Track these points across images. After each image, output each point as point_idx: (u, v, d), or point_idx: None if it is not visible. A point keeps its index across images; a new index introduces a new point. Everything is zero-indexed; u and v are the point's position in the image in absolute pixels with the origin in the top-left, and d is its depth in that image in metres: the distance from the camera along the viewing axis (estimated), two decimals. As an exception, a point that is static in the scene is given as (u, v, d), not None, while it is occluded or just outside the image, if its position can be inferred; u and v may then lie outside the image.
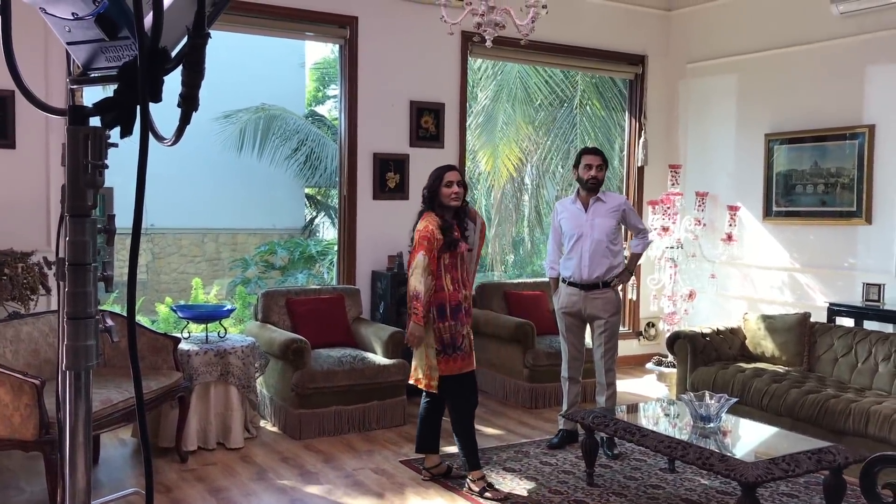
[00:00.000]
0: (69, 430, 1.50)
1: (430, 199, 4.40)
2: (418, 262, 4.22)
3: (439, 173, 4.43)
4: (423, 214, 4.40)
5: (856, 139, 6.23)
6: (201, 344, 5.06)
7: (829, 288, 6.46)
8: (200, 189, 13.66)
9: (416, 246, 4.27)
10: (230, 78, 12.87)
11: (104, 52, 1.51)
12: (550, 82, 10.74)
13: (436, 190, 4.39)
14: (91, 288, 1.49)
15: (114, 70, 1.47)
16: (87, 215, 1.48)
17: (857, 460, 3.76)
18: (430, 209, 4.39)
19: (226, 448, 5.02)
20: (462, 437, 4.39)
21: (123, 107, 1.44)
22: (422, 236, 4.28)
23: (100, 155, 1.46)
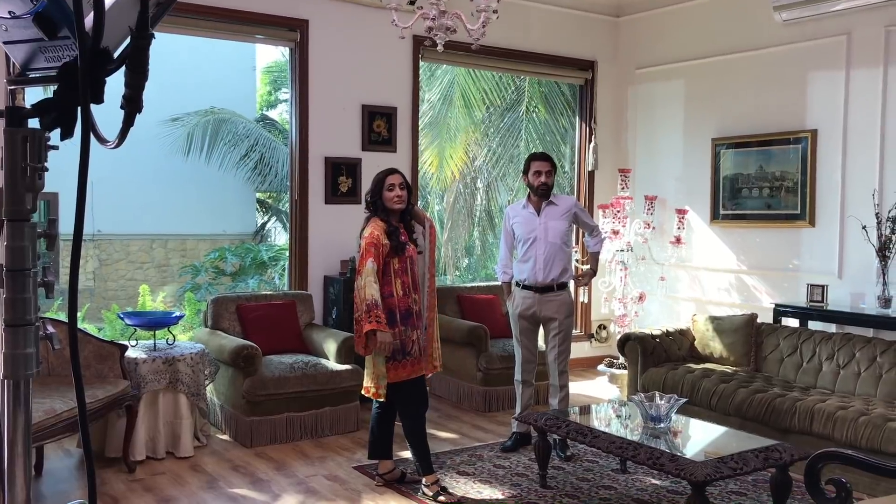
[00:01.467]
0: (8, 442, 1.46)
1: (374, 203, 4.39)
2: (368, 270, 4.19)
3: (381, 177, 4.42)
4: (369, 220, 4.37)
5: (799, 143, 6.38)
6: (149, 351, 4.97)
7: (774, 289, 6.59)
8: (148, 194, 13.44)
9: (364, 253, 4.24)
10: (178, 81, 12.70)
11: (43, 52, 1.47)
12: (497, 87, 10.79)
13: (378, 194, 4.37)
14: (31, 294, 1.45)
15: (53, 70, 1.43)
16: (25, 220, 1.44)
17: (802, 457, 3.84)
18: (375, 214, 4.37)
19: (175, 457, 4.93)
20: (414, 443, 4.38)
21: (64, 108, 1.40)
22: (368, 243, 4.25)
23: (39, 158, 1.42)
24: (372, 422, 4.52)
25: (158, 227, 14.00)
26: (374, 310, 4.13)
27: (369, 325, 4.12)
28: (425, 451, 4.39)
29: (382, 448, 4.51)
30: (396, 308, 4.26)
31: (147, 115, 1.46)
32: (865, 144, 5.98)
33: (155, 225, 13.90)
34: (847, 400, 4.85)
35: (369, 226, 4.33)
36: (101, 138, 1.41)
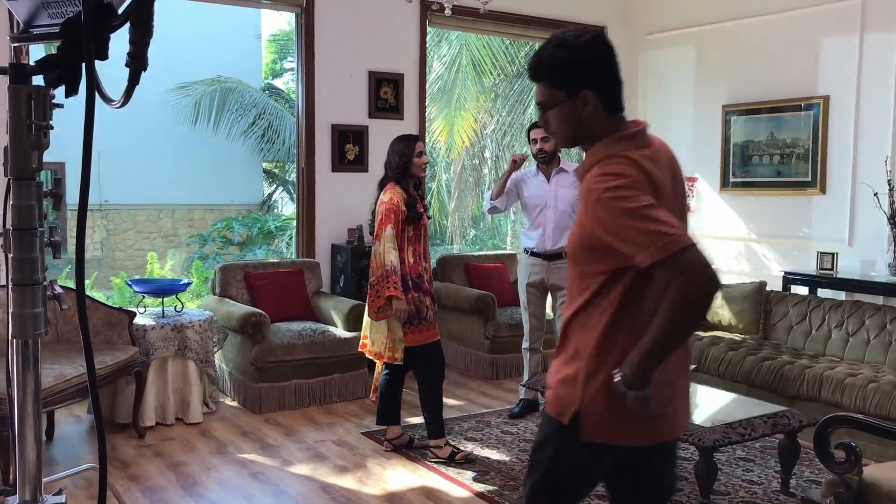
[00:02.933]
0: (18, 402, 1.46)
1: (404, 169, 4.34)
2: (388, 236, 4.18)
3: (410, 142, 4.37)
4: (387, 186, 4.34)
5: (811, 110, 6.32)
6: (158, 318, 4.99)
7: (784, 257, 6.56)
8: (155, 164, 13.42)
9: (384, 219, 4.21)
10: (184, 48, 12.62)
11: (46, 9, 1.46)
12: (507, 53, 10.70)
13: (409, 159, 4.33)
14: (38, 254, 1.44)
15: (57, 27, 1.41)
16: (31, 178, 1.43)
17: (810, 424, 3.84)
18: (397, 181, 4.32)
19: (184, 423, 4.97)
20: (430, 406, 4.39)
21: (68, 65, 1.39)
22: (388, 209, 4.22)
23: (44, 115, 1.41)
24: (381, 388, 4.54)
25: (166, 197, 14.01)
26: (392, 276, 4.15)
27: (389, 291, 4.14)
28: (440, 414, 4.42)
29: (391, 414, 4.53)
30: (408, 275, 4.27)
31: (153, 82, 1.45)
32: (878, 111, 5.92)
33: (162, 195, 13.91)
34: (856, 367, 4.85)
35: (388, 192, 4.29)
36: (105, 97, 1.39)
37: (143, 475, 4.12)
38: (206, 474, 4.16)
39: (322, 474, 4.19)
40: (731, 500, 3.87)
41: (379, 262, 4.20)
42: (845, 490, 2.76)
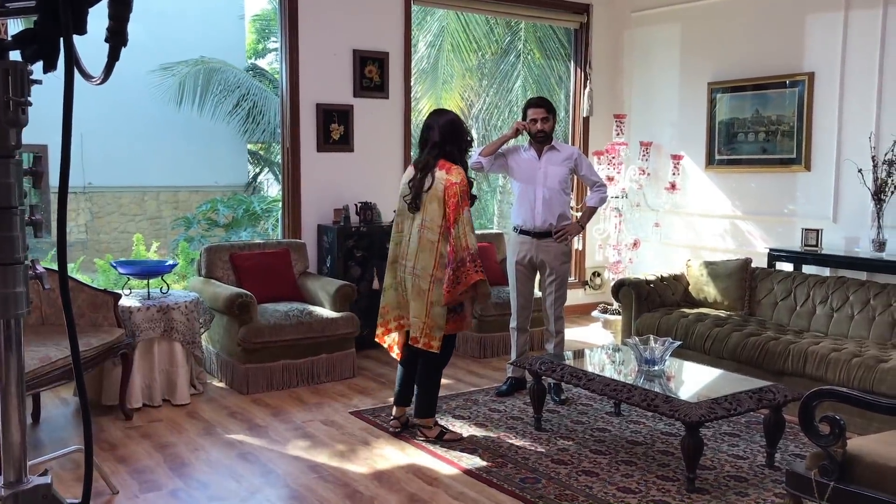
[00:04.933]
0: (1, 383, 1.44)
1: (463, 150, 4.27)
2: (467, 219, 4.09)
3: (462, 122, 4.33)
4: (446, 165, 4.16)
5: (796, 87, 6.32)
6: (143, 300, 4.96)
7: (769, 234, 6.59)
8: (139, 145, 13.31)
9: (461, 201, 4.08)
10: (166, 28, 12.50)
11: (23, -18, 1.42)
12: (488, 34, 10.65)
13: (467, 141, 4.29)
14: (18, 233, 1.42)
15: (33, 1, 1.38)
16: (10, 156, 1.40)
17: (795, 398, 3.88)
18: (459, 162, 4.22)
19: (172, 404, 4.96)
20: (430, 387, 4.38)
21: (45, 39, 1.36)
22: (463, 191, 4.10)
23: (21, 91, 1.38)
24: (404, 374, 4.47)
25: (150, 179, 13.89)
26: (477, 260, 4.09)
27: (477, 276, 4.06)
28: (436, 396, 4.43)
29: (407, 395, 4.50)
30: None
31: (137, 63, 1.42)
32: (863, 87, 5.93)
33: (146, 177, 13.79)
34: (840, 342, 4.89)
35: (454, 172, 4.13)
36: (85, 73, 1.36)
37: (130, 457, 4.11)
38: (194, 455, 4.16)
39: (310, 454, 4.19)
40: (717, 474, 3.90)
41: (462, 245, 4.07)
42: (830, 462, 2.78)
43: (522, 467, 3.98)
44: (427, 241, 4.16)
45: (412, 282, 4.22)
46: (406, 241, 4.28)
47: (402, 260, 4.29)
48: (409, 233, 4.26)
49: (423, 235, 4.16)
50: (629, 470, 3.95)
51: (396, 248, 4.36)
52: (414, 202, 4.21)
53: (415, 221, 4.22)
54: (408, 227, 4.29)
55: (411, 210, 4.24)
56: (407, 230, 4.29)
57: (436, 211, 4.14)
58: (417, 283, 4.19)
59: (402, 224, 4.33)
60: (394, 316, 4.38)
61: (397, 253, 4.35)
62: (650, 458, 4.10)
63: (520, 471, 3.93)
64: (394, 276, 4.36)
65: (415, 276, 4.20)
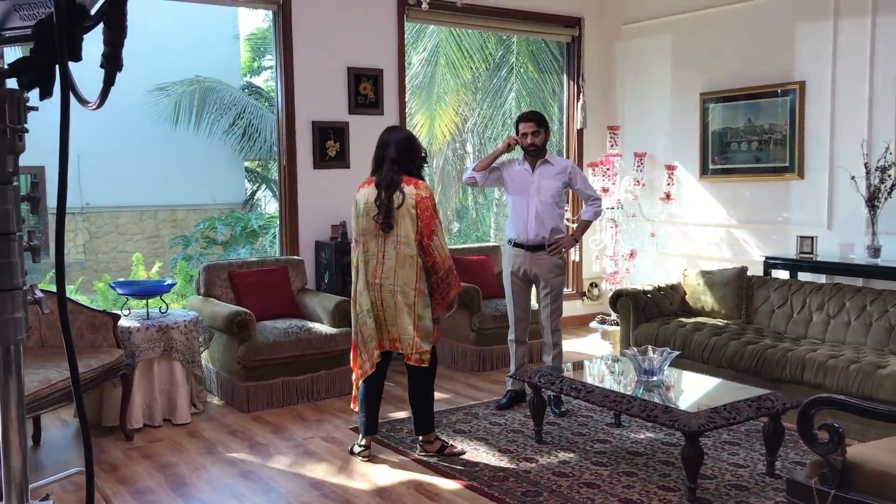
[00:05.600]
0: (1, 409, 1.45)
1: (420, 167, 4.28)
2: (442, 233, 4.18)
3: (419, 143, 4.34)
4: (416, 181, 4.16)
5: (787, 96, 6.35)
6: (142, 320, 4.95)
7: (764, 242, 6.60)
8: (136, 165, 13.32)
9: (434, 213, 4.13)
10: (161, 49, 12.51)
11: (18, 11, 1.43)
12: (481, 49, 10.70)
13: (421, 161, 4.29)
14: (16, 258, 1.42)
15: (29, 29, 1.39)
16: (8, 182, 1.41)
17: (794, 406, 3.88)
18: (420, 177, 4.24)
19: (172, 424, 4.95)
20: (429, 401, 4.36)
21: (41, 67, 1.37)
22: (433, 204, 4.16)
23: (18, 118, 1.39)
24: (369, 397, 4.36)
25: (147, 198, 13.89)
26: (455, 271, 4.22)
27: (457, 288, 4.20)
28: (433, 409, 4.41)
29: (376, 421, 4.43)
30: None
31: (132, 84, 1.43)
32: (854, 95, 5.96)
33: (144, 196, 13.80)
34: (838, 349, 4.89)
35: (422, 187, 4.15)
36: (81, 99, 1.37)
37: (132, 477, 4.10)
38: (195, 475, 4.15)
39: (312, 471, 4.18)
40: (717, 483, 3.89)
41: (445, 256, 4.14)
42: (829, 470, 2.78)
43: (524, 480, 3.97)
44: (406, 257, 4.12)
45: (395, 298, 4.14)
46: (379, 260, 4.16)
47: (375, 279, 4.17)
48: (382, 251, 4.15)
49: (401, 251, 4.12)
50: (630, 481, 3.94)
51: (364, 270, 4.21)
52: (387, 221, 4.12)
53: (388, 239, 4.13)
54: (378, 246, 4.16)
55: (384, 228, 4.13)
56: (376, 249, 4.17)
57: (409, 226, 4.11)
58: (401, 299, 4.13)
59: (367, 244, 4.20)
60: (375, 344, 4.23)
61: (366, 276, 4.21)
62: (651, 469, 4.10)
63: (521, 484, 3.92)
64: (368, 300, 4.21)
65: (397, 292, 4.13)
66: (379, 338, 4.24)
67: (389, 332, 4.22)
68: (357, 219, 4.26)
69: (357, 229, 4.26)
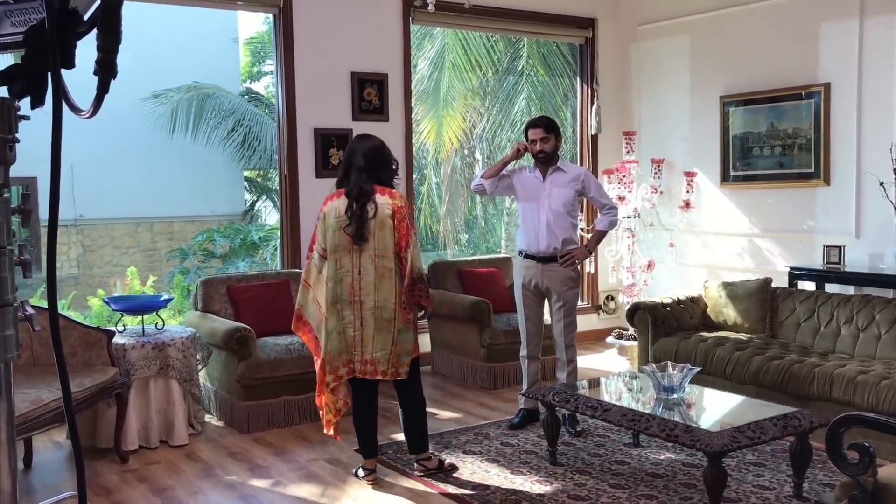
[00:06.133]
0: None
1: (389, 180, 4.24)
2: (415, 241, 4.15)
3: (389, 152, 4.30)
4: (390, 191, 4.16)
5: (812, 98, 6.34)
6: (138, 337, 4.97)
7: (789, 252, 6.58)
8: (132, 175, 13.38)
9: (410, 223, 4.13)
10: (157, 55, 12.60)
11: (9, 17, 1.45)
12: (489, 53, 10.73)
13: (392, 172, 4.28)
14: (7, 273, 1.43)
15: (20, 35, 1.41)
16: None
17: (822, 425, 3.85)
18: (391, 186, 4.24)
19: (169, 446, 4.95)
20: (423, 419, 4.38)
21: (32, 74, 1.38)
22: (410, 213, 4.18)
23: (9, 128, 1.40)
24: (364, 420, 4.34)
25: (143, 209, 13.95)
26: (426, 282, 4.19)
27: (427, 300, 4.16)
28: (426, 425, 4.44)
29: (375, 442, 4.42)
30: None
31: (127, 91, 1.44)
32: (881, 97, 5.95)
33: (140, 208, 13.86)
34: (867, 364, 4.86)
35: (396, 196, 4.15)
36: (74, 107, 1.38)
37: (127, 502, 4.10)
38: (192, 499, 4.15)
39: (315, 495, 4.18)
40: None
41: (417, 266, 4.10)
42: (860, 492, 2.76)
43: (537, 504, 3.96)
44: (385, 270, 4.09)
45: (374, 317, 4.09)
46: (355, 276, 4.09)
47: (354, 297, 4.10)
48: (358, 266, 4.09)
49: (380, 265, 4.08)
50: (650, 504, 3.93)
51: (338, 288, 4.12)
52: (360, 233, 4.06)
53: (364, 253, 4.09)
54: (353, 261, 4.10)
55: (357, 241, 4.08)
56: (351, 264, 4.10)
57: (388, 237, 4.08)
58: (381, 316, 4.09)
59: (341, 260, 4.12)
60: (343, 361, 4.15)
61: (339, 292, 4.13)
62: (672, 492, 4.08)
63: (535, 507, 3.91)
64: (339, 319, 4.13)
65: (377, 309, 4.09)
66: (348, 360, 4.15)
67: (363, 353, 4.12)
68: (325, 234, 4.18)
69: (328, 245, 4.17)
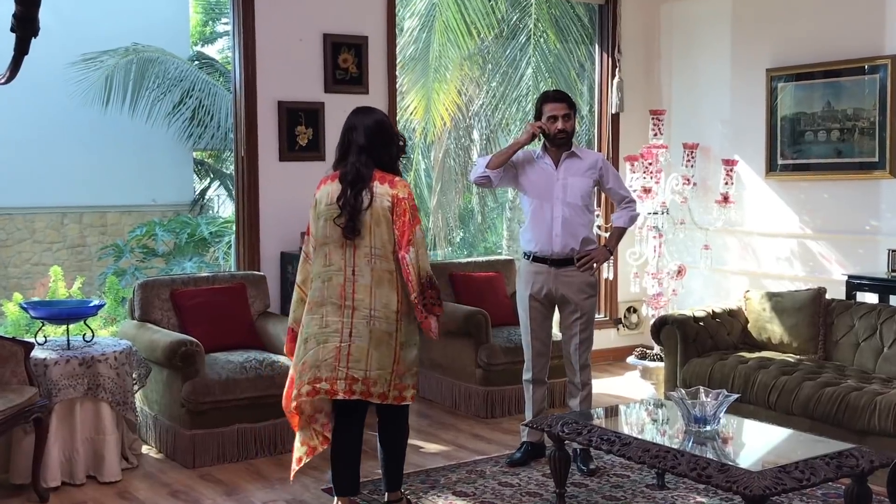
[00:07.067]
0: None
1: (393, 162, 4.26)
2: (421, 239, 4.12)
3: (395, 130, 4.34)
4: (392, 178, 4.15)
5: (876, 73, 6.37)
6: (62, 350, 4.96)
7: (847, 257, 6.61)
8: (57, 157, 13.36)
9: (413, 218, 4.10)
10: (90, 12, 12.60)
11: None
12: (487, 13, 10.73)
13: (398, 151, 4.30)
14: None
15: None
16: None
17: (883, 464, 3.86)
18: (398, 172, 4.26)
19: (98, 482, 4.94)
20: (405, 449, 4.39)
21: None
22: (413, 206, 4.14)
23: None
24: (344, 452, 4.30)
25: (71, 197, 13.94)
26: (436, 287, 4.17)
27: (438, 309, 4.13)
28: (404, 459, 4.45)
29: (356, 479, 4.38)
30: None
31: (52, 54, 1.44)
32: (959, 72, 5.98)
33: (66, 195, 13.84)
34: (939, 392, 4.89)
35: (398, 185, 4.14)
36: (-14, 70, 1.38)
37: (46, 549, 4.09)
38: (126, 546, 4.14)
39: (273, 543, 4.18)
40: (787, 562, 3.89)
41: (425, 269, 4.10)
42: (928, 545, 2.77)
43: (541, 556, 3.96)
44: (383, 272, 4.09)
45: (369, 328, 4.06)
46: (348, 276, 4.09)
47: (344, 301, 4.08)
48: (352, 265, 4.10)
49: (377, 266, 4.08)
50: (676, 558, 3.94)
51: (325, 287, 4.12)
52: (351, 225, 4.07)
53: (358, 250, 4.09)
54: (346, 259, 4.10)
55: (349, 236, 4.09)
56: (343, 261, 4.11)
57: (385, 234, 4.09)
58: (378, 327, 4.07)
59: (331, 256, 4.13)
60: (310, 378, 4.08)
61: (327, 294, 4.12)
62: (703, 543, 4.09)
63: (538, 561, 3.92)
64: (321, 325, 4.09)
65: (373, 319, 4.06)
66: (332, 378, 4.06)
67: (350, 370, 4.05)
68: (317, 223, 4.22)
69: (317, 235, 4.21)
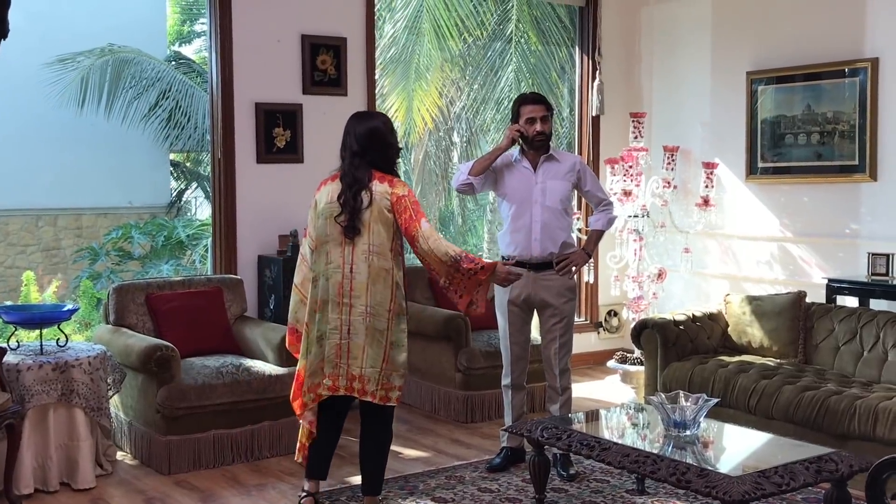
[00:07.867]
0: None
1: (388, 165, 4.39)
2: (432, 229, 4.26)
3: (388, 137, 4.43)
4: (391, 179, 4.31)
5: (856, 76, 6.41)
6: (35, 355, 4.93)
7: (827, 261, 6.64)
8: (32, 158, 13.28)
9: (416, 213, 4.24)
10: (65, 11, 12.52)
11: None
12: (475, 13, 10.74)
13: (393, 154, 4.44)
14: None
15: None
16: None
17: (863, 468, 3.88)
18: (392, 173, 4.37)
19: (72, 489, 4.92)
20: (387, 452, 4.43)
21: None
22: (414, 202, 4.30)
23: None
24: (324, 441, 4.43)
25: (45, 199, 13.85)
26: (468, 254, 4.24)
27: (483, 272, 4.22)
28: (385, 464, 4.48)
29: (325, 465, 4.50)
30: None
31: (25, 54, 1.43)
32: (939, 76, 6.03)
33: (41, 197, 13.75)
34: (919, 396, 4.92)
35: (398, 184, 4.30)
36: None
37: (18, 558, 4.06)
38: (100, 554, 4.12)
39: (250, 550, 4.17)
40: (767, 567, 3.89)
41: (443, 253, 4.18)
42: (907, 550, 2.78)
43: (521, 562, 3.96)
44: (380, 270, 4.19)
45: (364, 324, 4.19)
46: (346, 274, 4.21)
47: (342, 298, 4.21)
48: (350, 263, 4.21)
49: (374, 263, 4.19)
50: (656, 563, 3.95)
51: (327, 285, 4.25)
52: (351, 224, 4.21)
53: (357, 248, 4.21)
54: (345, 257, 4.22)
55: (348, 234, 4.22)
56: (342, 259, 4.23)
57: (383, 233, 4.21)
58: (372, 325, 4.19)
59: (331, 254, 4.27)
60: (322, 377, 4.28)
61: (327, 291, 4.25)
62: (683, 548, 4.10)
63: (517, 567, 3.92)
64: (326, 322, 4.26)
65: (369, 316, 4.18)
66: (334, 375, 4.25)
67: (350, 367, 4.22)
68: (316, 222, 4.34)
69: (316, 235, 4.33)
